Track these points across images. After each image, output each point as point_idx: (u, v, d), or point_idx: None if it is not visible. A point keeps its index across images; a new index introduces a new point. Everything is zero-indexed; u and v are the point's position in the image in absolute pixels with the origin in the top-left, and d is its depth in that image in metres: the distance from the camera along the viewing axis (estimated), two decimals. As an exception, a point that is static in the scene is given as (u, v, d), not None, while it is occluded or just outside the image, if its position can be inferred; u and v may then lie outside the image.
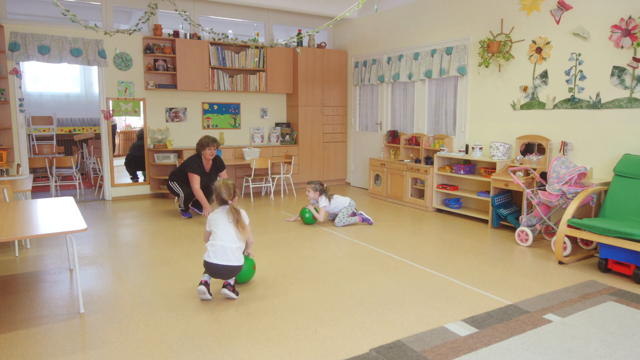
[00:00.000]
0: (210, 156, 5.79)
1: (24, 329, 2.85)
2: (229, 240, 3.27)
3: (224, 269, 3.25)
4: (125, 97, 7.04)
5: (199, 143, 5.77)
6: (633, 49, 4.43)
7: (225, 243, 3.26)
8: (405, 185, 6.72)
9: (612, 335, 2.75)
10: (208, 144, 5.72)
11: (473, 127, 6.19)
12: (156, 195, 7.39)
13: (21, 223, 3.07)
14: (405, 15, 7.13)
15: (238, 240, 3.30)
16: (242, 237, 3.32)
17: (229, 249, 3.25)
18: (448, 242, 4.86)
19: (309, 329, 2.86)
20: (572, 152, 5.01)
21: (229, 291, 3.27)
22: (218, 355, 2.56)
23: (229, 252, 3.25)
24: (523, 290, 3.49)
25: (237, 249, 3.29)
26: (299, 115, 8.11)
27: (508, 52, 5.56)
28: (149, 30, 7.11)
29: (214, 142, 5.76)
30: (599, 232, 3.79)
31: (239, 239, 3.30)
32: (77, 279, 3.10)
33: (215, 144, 5.78)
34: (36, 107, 9.38)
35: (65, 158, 7.24)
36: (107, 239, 4.97)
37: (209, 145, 5.73)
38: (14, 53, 6.19)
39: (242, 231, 3.31)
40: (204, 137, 5.77)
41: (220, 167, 6.04)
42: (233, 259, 3.26)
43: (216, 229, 3.32)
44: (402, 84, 7.37)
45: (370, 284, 3.62)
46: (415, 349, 2.58)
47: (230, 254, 3.25)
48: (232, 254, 3.26)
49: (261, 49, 7.77)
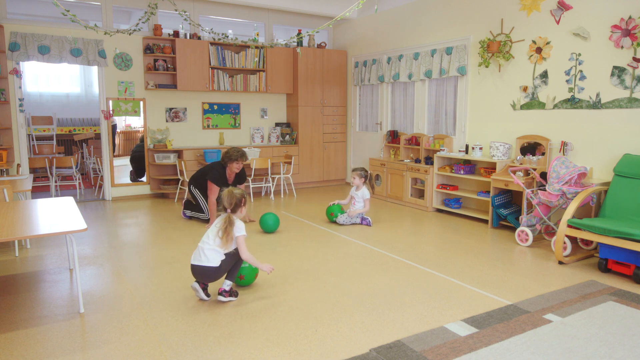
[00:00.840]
0: (237, 170, 5.48)
1: (24, 329, 2.85)
2: (204, 241, 3.26)
3: (198, 269, 3.23)
4: (125, 97, 7.04)
5: (227, 155, 5.41)
6: (633, 49, 4.43)
7: (202, 244, 3.26)
8: (405, 185, 6.72)
9: (612, 335, 2.75)
10: (237, 158, 5.39)
11: (473, 127, 6.19)
12: (156, 195, 7.39)
13: (21, 223, 3.07)
14: (405, 15, 7.13)
15: (214, 243, 3.23)
16: (222, 245, 3.23)
17: (202, 249, 3.23)
18: (448, 242, 4.86)
19: (309, 329, 2.86)
20: (572, 152, 5.01)
21: (223, 297, 3.25)
22: (218, 355, 2.56)
23: (201, 252, 3.22)
24: (523, 290, 3.49)
25: (210, 250, 3.21)
26: (299, 115, 8.11)
27: (508, 52, 5.56)
28: (149, 30, 7.11)
29: (242, 156, 5.41)
30: (599, 232, 3.79)
31: (216, 243, 3.23)
32: (77, 279, 3.10)
33: (244, 158, 5.44)
34: (36, 107, 9.38)
35: (65, 158, 7.24)
36: (107, 239, 4.97)
37: (238, 159, 5.40)
38: (14, 53, 6.20)
39: (224, 240, 3.21)
40: (233, 149, 5.42)
41: (242, 180, 5.77)
42: (204, 259, 3.20)
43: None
44: (402, 84, 7.37)
45: (370, 284, 3.62)
46: (415, 349, 2.58)
47: (202, 255, 3.21)
48: (204, 255, 3.21)
49: (261, 49, 7.77)
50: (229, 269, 3.30)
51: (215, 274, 3.24)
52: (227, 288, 3.26)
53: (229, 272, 3.31)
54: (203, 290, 3.26)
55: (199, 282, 3.27)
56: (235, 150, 5.44)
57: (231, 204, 3.30)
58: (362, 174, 5.62)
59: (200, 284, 3.26)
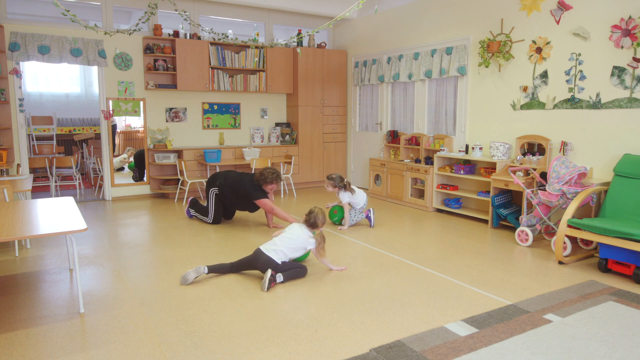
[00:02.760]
0: (271, 190, 5.32)
1: (24, 329, 2.85)
2: (287, 238, 3.83)
3: (263, 257, 3.70)
4: (125, 97, 7.04)
5: (263, 177, 5.19)
6: (633, 49, 4.43)
7: (281, 241, 3.81)
8: (405, 185, 6.72)
9: (612, 335, 2.75)
10: (273, 180, 5.22)
11: (473, 127, 6.19)
12: (156, 195, 7.39)
13: (21, 223, 3.07)
14: (405, 15, 7.14)
15: (296, 245, 3.82)
16: (317, 254, 3.89)
17: (277, 244, 3.79)
18: (448, 242, 4.86)
19: (309, 329, 2.86)
20: (572, 152, 5.01)
21: (267, 283, 3.50)
22: (218, 355, 2.56)
23: (275, 248, 3.75)
24: (523, 290, 3.49)
25: (289, 250, 3.80)
26: (299, 115, 8.11)
27: (508, 52, 5.56)
28: (149, 30, 7.11)
29: (278, 178, 5.27)
30: (599, 232, 3.79)
31: (304, 247, 3.86)
32: (77, 279, 3.10)
33: (280, 180, 5.32)
34: (36, 107, 9.38)
35: (65, 158, 7.24)
36: (107, 239, 4.97)
37: (274, 181, 5.23)
38: (14, 53, 6.19)
39: (321, 253, 3.87)
40: (269, 172, 5.22)
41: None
42: (276, 254, 3.72)
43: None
44: (402, 84, 7.37)
45: (370, 284, 3.62)
46: (415, 349, 2.58)
47: (276, 250, 3.74)
48: (277, 251, 3.75)
49: (261, 49, 7.77)
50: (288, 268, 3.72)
51: (275, 267, 3.64)
52: (278, 280, 3.59)
53: (287, 272, 3.68)
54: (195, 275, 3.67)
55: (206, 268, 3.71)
56: (271, 172, 5.23)
57: (324, 223, 3.91)
58: (335, 183, 5.26)
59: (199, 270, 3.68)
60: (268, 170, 5.24)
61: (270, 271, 3.52)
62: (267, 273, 3.50)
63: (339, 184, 5.28)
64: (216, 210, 5.52)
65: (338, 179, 5.29)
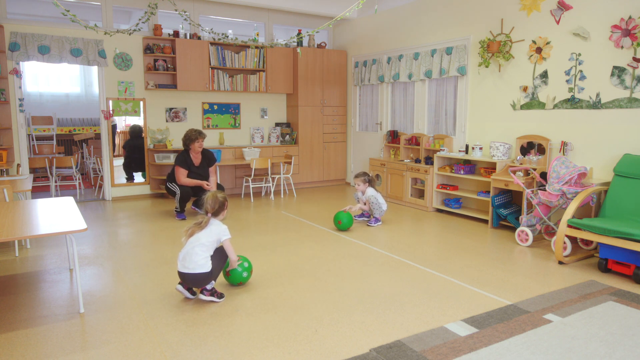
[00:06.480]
0: (199, 148, 5.78)
1: (24, 329, 2.85)
2: (194, 246, 3.21)
3: (190, 276, 3.18)
4: (125, 97, 7.04)
5: (186, 137, 5.76)
6: (633, 49, 4.43)
7: (191, 249, 3.20)
8: (405, 185, 6.72)
9: (612, 335, 2.75)
10: (196, 138, 5.72)
11: (473, 127, 6.19)
12: (156, 195, 7.39)
13: (21, 223, 3.07)
14: (405, 15, 7.13)
15: (205, 248, 3.22)
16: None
17: (191, 254, 3.18)
18: (448, 242, 4.86)
19: (309, 329, 2.86)
20: (572, 152, 5.01)
21: (204, 296, 3.23)
22: (218, 355, 2.56)
23: (189, 259, 3.17)
24: (523, 290, 3.49)
25: (201, 256, 3.19)
26: (299, 115, 8.11)
27: (508, 52, 5.56)
28: (149, 30, 7.11)
29: (200, 134, 5.75)
30: (599, 232, 3.79)
31: (207, 246, 3.24)
32: (77, 279, 3.10)
33: (202, 135, 5.77)
34: (36, 107, 9.39)
35: (65, 158, 7.24)
36: (107, 239, 4.97)
37: (197, 138, 5.72)
38: (14, 53, 6.19)
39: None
40: (190, 130, 5.78)
41: (211, 161, 6.02)
42: (195, 266, 3.16)
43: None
44: (402, 84, 7.37)
45: (370, 284, 3.62)
46: (415, 349, 2.58)
47: (191, 261, 3.17)
48: (193, 261, 3.16)
49: (261, 49, 7.77)
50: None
51: (207, 278, 3.21)
52: (209, 287, 3.24)
53: (215, 270, 3.26)
54: (188, 290, 3.27)
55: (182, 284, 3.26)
56: (191, 130, 5.76)
57: (214, 207, 3.33)
58: (365, 179, 5.68)
59: (184, 285, 3.26)
60: (191, 130, 5.78)
61: (180, 287, 3.25)
62: (202, 296, 3.22)
63: (368, 179, 5.69)
64: (177, 186, 5.80)
65: (366, 174, 5.71)
